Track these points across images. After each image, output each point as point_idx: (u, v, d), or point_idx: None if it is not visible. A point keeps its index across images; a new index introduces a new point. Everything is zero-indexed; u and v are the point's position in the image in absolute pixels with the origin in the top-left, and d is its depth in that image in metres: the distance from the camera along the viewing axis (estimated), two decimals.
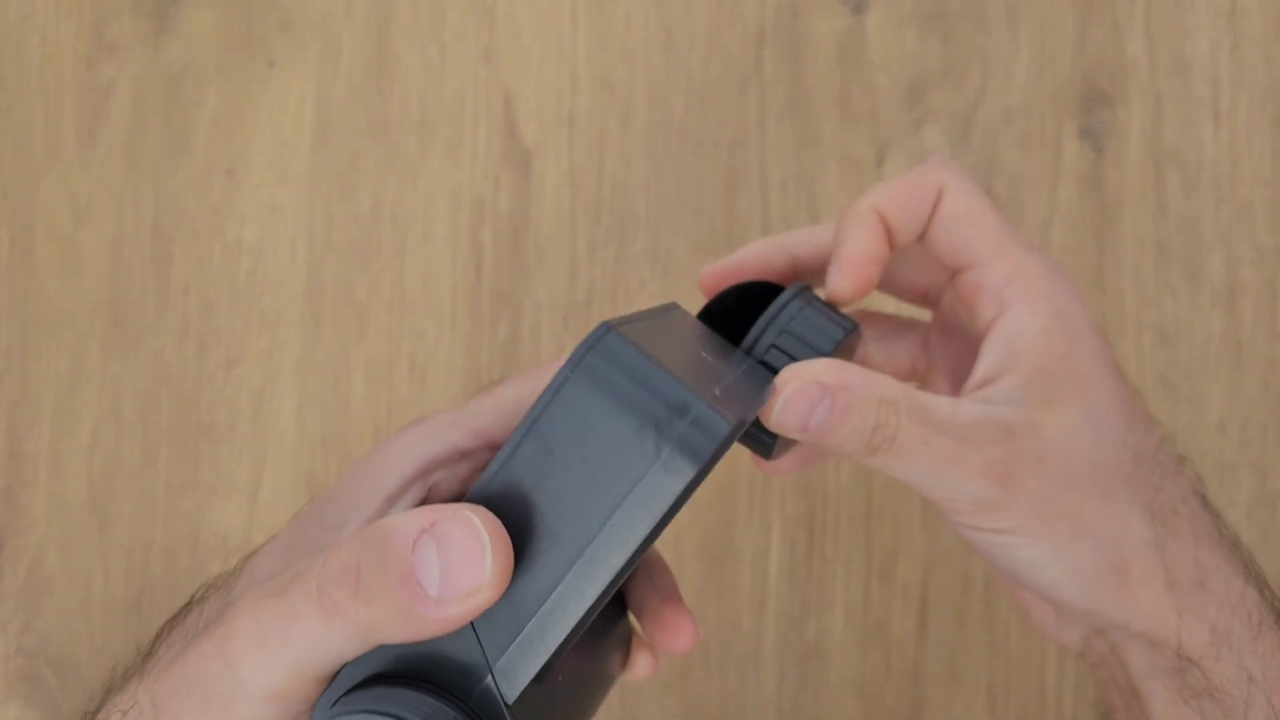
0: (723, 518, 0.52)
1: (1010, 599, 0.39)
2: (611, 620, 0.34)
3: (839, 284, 0.35)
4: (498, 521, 0.25)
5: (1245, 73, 0.53)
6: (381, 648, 0.26)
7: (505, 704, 0.25)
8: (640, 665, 0.35)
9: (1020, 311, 0.34)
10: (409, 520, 0.25)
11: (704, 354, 0.29)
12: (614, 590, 0.26)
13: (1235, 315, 0.52)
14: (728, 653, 0.52)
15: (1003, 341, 0.34)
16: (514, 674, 0.25)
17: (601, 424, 0.25)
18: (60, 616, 0.52)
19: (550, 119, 0.54)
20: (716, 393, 0.26)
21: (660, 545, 0.52)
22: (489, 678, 0.25)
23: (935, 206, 0.35)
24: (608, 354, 0.25)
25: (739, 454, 0.53)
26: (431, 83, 0.54)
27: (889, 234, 0.35)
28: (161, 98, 0.54)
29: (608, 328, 0.25)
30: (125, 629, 0.52)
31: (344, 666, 0.27)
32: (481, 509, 0.25)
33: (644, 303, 0.53)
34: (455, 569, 0.24)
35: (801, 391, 0.31)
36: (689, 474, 0.24)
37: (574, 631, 0.25)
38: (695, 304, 0.38)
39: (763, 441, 0.34)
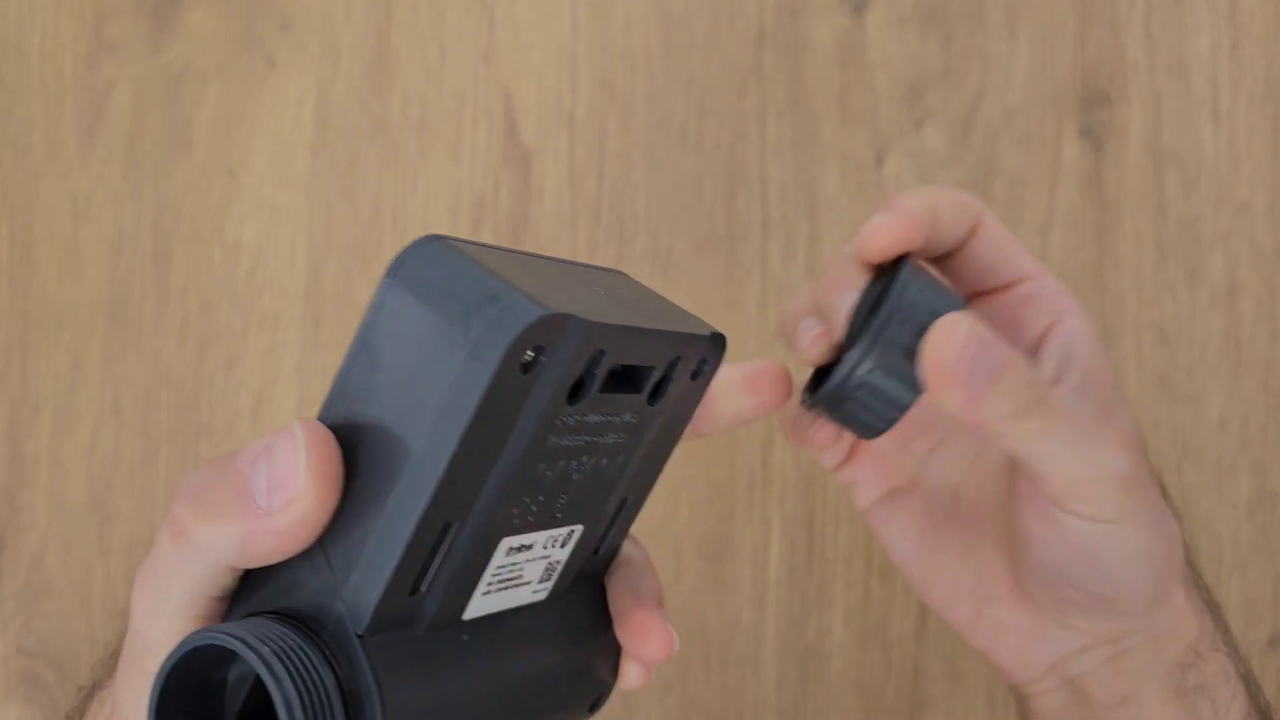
0: (723, 515, 0.52)
1: (968, 630, 0.37)
2: (596, 625, 0.32)
3: (883, 221, 0.32)
4: (322, 429, 0.24)
5: (1245, 73, 0.53)
6: (257, 590, 0.25)
7: (355, 634, 0.24)
8: (629, 675, 0.33)
9: (1075, 319, 0.34)
10: (254, 443, 0.25)
11: (598, 289, 0.27)
12: (458, 502, 0.24)
13: (1235, 315, 0.52)
14: (727, 652, 0.52)
15: (1063, 345, 0.34)
16: (360, 600, 0.24)
17: (421, 327, 0.24)
18: (60, 617, 0.52)
19: (550, 119, 0.54)
20: (561, 295, 0.25)
21: (660, 542, 0.53)
22: (339, 605, 0.24)
23: (976, 227, 0.35)
24: (429, 258, 0.24)
25: (740, 452, 0.53)
26: (431, 83, 0.54)
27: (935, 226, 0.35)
28: (161, 98, 0.54)
29: (432, 237, 0.24)
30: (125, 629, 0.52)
31: (229, 609, 0.26)
32: (312, 422, 0.25)
33: None
34: (278, 479, 0.24)
35: (971, 336, 0.29)
36: (495, 358, 0.23)
37: (411, 549, 0.24)
38: (698, 306, 0.38)
39: (876, 415, 0.32)
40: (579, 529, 0.29)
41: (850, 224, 0.53)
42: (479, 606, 0.27)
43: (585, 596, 0.31)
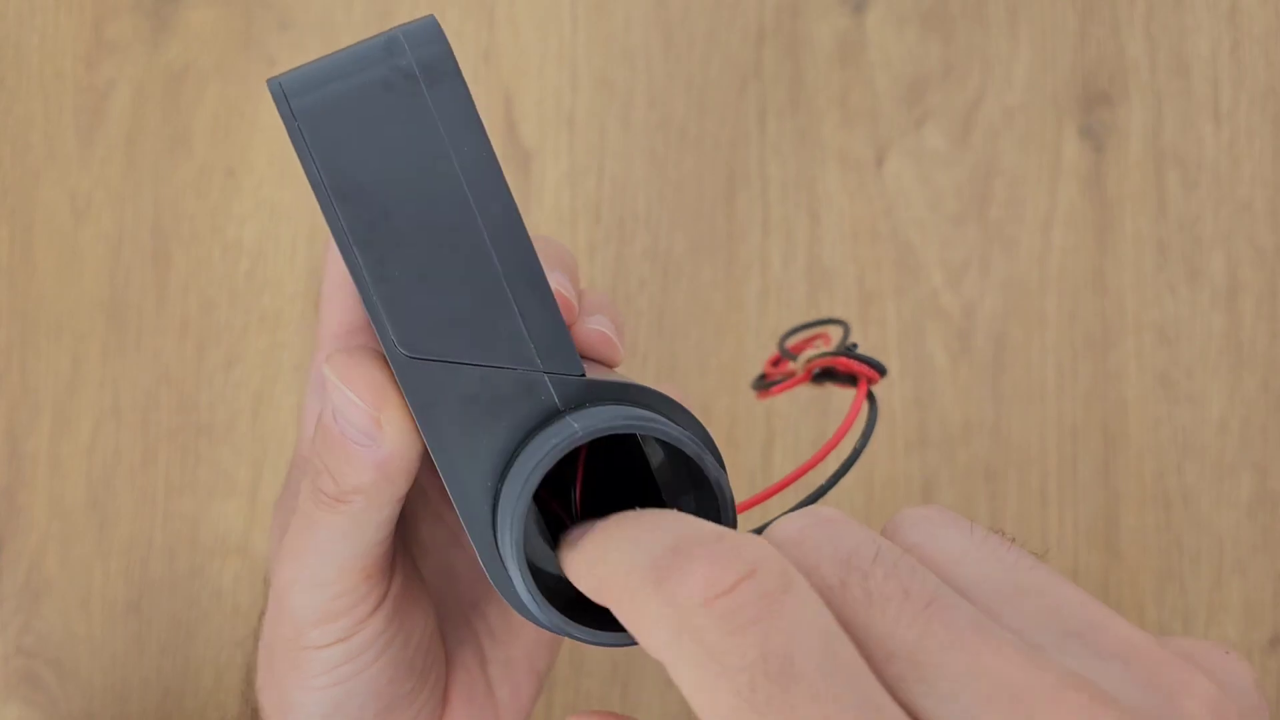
0: None
1: None
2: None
3: None
4: (335, 355, 0.26)
5: (1245, 72, 0.53)
6: (499, 447, 0.25)
7: (579, 374, 0.24)
8: None
9: None
10: (324, 403, 0.27)
11: None
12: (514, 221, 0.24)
13: (1235, 315, 0.52)
14: None
15: None
16: (557, 359, 0.24)
17: (365, 122, 0.23)
18: (60, 617, 0.52)
19: (550, 119, 0.54)
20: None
21: None
22: (551, 380, 0.24)
23: None
24: (297, 84, 0.23)
25: (740, 453, 0.53)
26: None
27: None
28: (161, 97, 0.54)
29: (271, 80, 0.23)
30: (125, 629, 0.52)
31: (503, 504, 0.24)
32: (330, 355, 0.26)
33: (644, 302, 0.53)
34: (351, 419, 0.25)
35: None
36: (451, 69, 0.22)
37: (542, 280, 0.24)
38: (698, 306, 0.38)
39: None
40: None
41: (850, 224, 0.53)
42: None
43: None
